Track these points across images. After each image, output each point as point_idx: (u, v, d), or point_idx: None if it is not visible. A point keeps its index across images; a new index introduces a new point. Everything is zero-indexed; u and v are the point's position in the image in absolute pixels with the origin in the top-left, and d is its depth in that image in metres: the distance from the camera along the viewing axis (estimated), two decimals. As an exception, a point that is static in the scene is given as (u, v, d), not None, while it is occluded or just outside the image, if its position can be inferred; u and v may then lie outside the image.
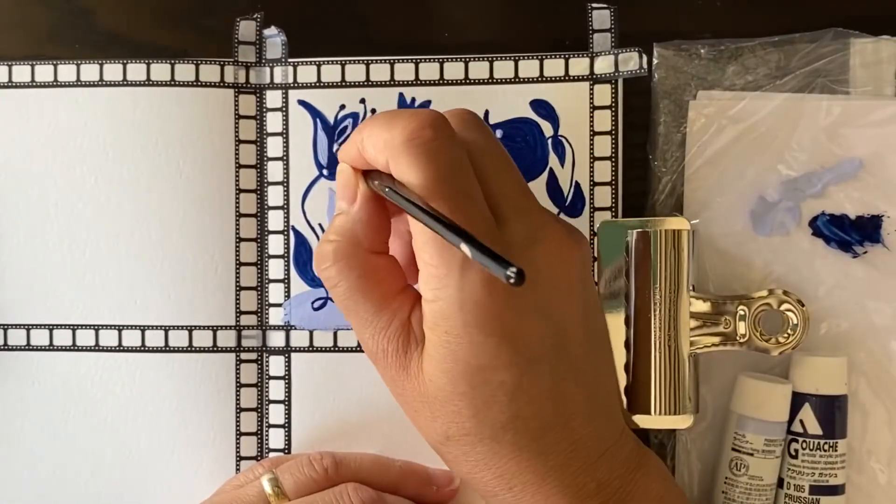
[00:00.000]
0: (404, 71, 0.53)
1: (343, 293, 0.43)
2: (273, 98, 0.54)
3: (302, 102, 0.54)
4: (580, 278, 0.43)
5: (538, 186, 0.53)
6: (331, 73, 0.54)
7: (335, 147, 0.54)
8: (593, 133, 0.53)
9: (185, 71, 0.53)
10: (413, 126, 0.40)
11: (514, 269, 0.34)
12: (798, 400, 0.51)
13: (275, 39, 0.54)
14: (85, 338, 0.54)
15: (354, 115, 0.54)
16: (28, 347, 0.54)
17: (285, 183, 0.54)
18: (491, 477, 0.41)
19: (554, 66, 0.53)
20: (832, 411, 0.50)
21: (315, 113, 0.54)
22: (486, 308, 0.39)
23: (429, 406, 0.41)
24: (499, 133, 0.53)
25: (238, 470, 0.54)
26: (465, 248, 0.36)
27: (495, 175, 0.42)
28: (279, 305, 0.54)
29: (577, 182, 0.53)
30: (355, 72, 0.54)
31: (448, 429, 0.41)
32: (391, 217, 0.45)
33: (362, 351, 0.53)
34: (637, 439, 0.45)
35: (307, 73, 0.54)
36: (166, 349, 0.53)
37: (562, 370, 0.41)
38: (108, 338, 0.54)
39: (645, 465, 0.44)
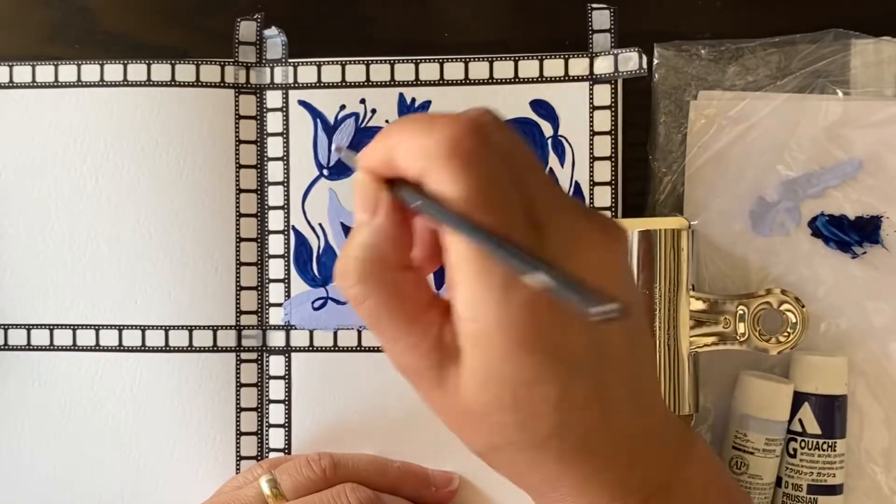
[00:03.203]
0: (404, 71, 0.53)
1: (369, 311, 0.40)
2: (273, 98, 0.54)
3: (302, 103, 0.54)
4: (621, 273, 0.40)
5: (538, 187, 0.53)
6: (331, 73, 0.54)
7: (334, 144, 0.53)
8: (593, 133, 0.53)
9: (185, 71, 0.54)
10: (453, 134, 0.37)
11: (615, 306, 0.31)
12: (798, 399, 0.50)
13: (275, 40, 0.54)
14: (85, 338, 0.54)
15: (355, 116, 0.54)
16: (29, 347, 0.54)
17: (285, 183, 0.54)
18: (537, 481, 0.41)
19: (554, 66, 0.53)
20: (832, 411, 0.50)
21: (315, 113, 0.54)
22: (530, 327, 0.37)
23: (471, 419, 0.40)
24: (498, 133, 0.53)
25: (238, 470, 0.54)
26: (542, 278, 0.34)
27: (526, 177, 0.39)
28: (279, 305, 0.54)
29: (577, 182, 0.53)
30: (355, 72, 0.54)
31: (492, 440, 0.40)
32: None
33: (362, 350, 0.54)
34: (682, 425, 0.43)
35: (307, 73, 0.54)
36: (166, 349, 0.54)
37: (605, 373, 0.39)
38: (109, 337, 0.54)
39: (690, 454, 0.42)
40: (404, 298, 0.40)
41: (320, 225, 0.54)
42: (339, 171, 0.54)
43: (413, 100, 0.53)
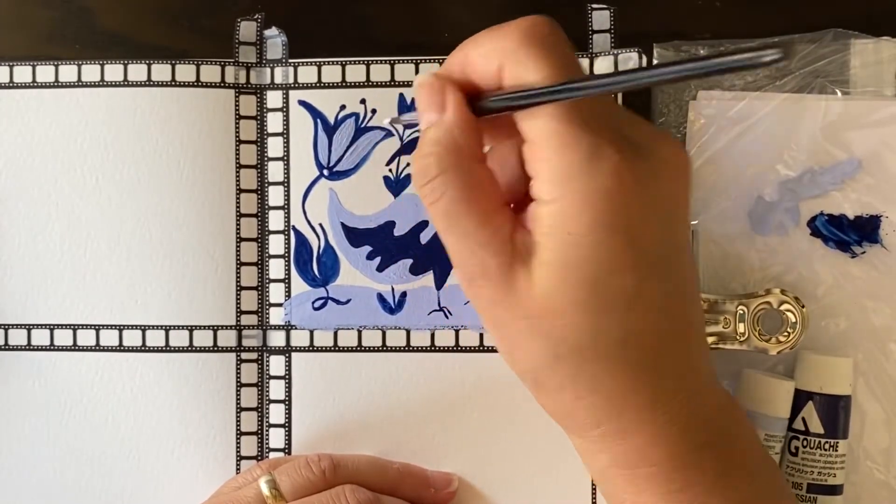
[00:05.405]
0: (404, 71, 0.53)
1: (446, 204, 0.39)
2: (274, 98, 0.54)
3: (302, 103, 0.54)
4: (690, 187, 0.40)
5: (538, 187, 0.53)
6: (331, 73, 0.54)
7: (387, 120, 0.53)
8: (593, 133, 0.53)
9: (185, 71, 0.54)
10: (528, 24, 0.39)
11: (776, 49, 0.31)
12: (801, 398, 0.51)
13: (275, 40, 0.54)
14: (86, 338, 0.54)
15: (355, 116, 0.54)
16: (29, 347, 0.54)
17: (286, 183, 0.54)
18: (602, 401, 0.39)
19: (554, 66, 0.53)
20: (835, 411, 0.50)
21: (315, 113, 0.54)
22: (616, 201, 0.37)
23: (536, 324, 0.38)
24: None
25: (238, 470, 0.54)
26: (671, 72, 0.34)
27: None
28: (280, 305, 0.54)
29: (576, 182, 0.53)
30: (356, 72, 0.54)
31: (558, 347, 0.38)
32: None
33: (362, 350, 0.54)
34: (726, 389, 0.43)
35: (308, 73, 0.54)
36: (167, 349, 0.54)
37: (673, 283, 0.39)
38: (109, 338, 0.54)
39: (737, 413, 0.42)
40: (480, 193, 0.40)
41: (320, 225, 0.54)
42: (340, 172, 0.54)
43: (413, 100, 0.53)
